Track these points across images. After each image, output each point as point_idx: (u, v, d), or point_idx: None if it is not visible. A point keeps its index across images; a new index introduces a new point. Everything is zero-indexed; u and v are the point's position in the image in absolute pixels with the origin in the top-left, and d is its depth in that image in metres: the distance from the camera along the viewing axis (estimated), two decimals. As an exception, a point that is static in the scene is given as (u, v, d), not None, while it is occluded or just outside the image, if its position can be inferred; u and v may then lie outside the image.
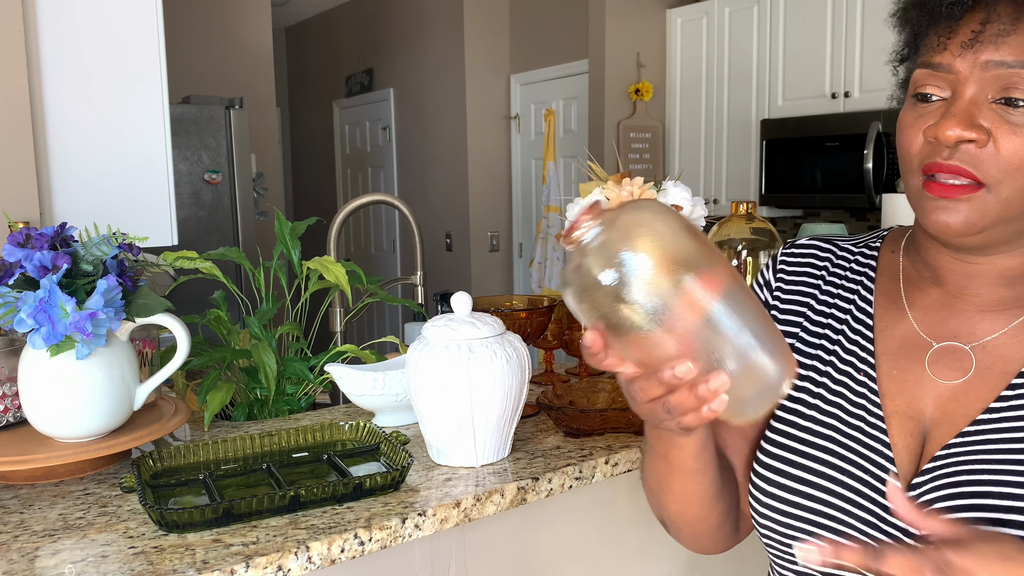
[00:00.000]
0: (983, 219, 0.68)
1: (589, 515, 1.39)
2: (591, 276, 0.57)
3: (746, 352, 0.59)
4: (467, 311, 1.14)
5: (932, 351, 0.75)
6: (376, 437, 1.19)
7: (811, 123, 3.69)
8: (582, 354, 1.50)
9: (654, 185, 1.68)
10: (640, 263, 0.56)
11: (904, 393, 0.75)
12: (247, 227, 3.75)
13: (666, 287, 0.56)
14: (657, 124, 4.49)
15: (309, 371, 1.49)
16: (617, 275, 0.56)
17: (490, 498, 1.06)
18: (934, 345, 0.75)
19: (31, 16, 2.18)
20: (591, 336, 0.60)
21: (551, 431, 1.30)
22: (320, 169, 6.88)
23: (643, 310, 0.57)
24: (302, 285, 1.56)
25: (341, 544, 0.93)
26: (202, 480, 1.07)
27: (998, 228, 0.69)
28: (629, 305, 0.57)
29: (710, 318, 0.57)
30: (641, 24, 4.39)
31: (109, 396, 1.12)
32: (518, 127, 5.21)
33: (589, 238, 0.58)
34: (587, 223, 0.58)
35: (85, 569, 0.87)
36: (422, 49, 5.46)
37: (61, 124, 2.24)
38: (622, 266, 0.56)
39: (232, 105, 3.68)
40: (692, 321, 0.57)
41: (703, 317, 0.57)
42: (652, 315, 0.57)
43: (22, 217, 2.14)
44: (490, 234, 5.29)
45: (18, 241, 1.08)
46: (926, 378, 0.74)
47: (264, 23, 4.57)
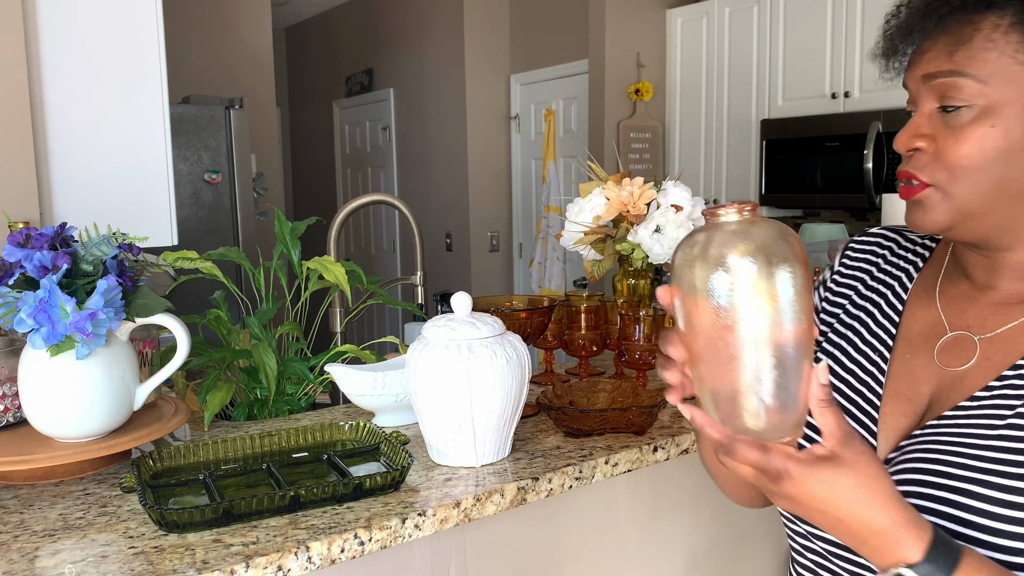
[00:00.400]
0: (945, 215, 0.74)
1: (589, 515, 1.39)
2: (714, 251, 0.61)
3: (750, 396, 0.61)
4: (467, 311, 1.14)
5: (943, 339, 0.79)
6: (376, 437, 1.19)
7: (811, 123, 3.69)
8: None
9: (654, 185, 1.68)
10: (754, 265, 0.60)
11: (909, 377, 0.79)
12: (247, 227, 3.75)
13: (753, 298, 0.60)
14: (657, 124, 4.49)
15: (309, 371, 1.49)
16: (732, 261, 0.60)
17: (490, 498, 1.06)
18: (948, 333, 0.79)
19: (31, 16, 2.18)
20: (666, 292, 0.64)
21: (551, 431, 1.30)
22: (320, 169, 6.88)
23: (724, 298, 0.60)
24: (302, 285, 1.56)
25: (341, 544, 0.93)
26: (202, 480, 1.07)
27: (970, 222, 0.73)
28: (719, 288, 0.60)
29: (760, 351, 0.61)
30: (641, 24, 4.39)
31: (109, 396, 1.12)
32: (518, 127, 5.21)
33: (730, 219, 0.61)
34: (737, 209, 0.62)
35: (85, 569, 0.87)
36: (422, 49, 5.46)
37: (61, 124, 2.24)
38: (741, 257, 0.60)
39: (232, 105, 3.68)
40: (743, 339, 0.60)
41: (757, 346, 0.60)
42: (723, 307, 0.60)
43: (22, 217, 2.14)
44: (490, 234, 5.29)
45: (18, 241, 1.08)
46: (931, 364, 0.78)
47: (264, 23, 4.57)
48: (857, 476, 0.61)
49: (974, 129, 0.71)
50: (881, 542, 0.62)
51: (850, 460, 0.62)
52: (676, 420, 1.35)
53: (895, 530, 0.62)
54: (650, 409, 1.25)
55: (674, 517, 1.52)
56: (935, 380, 0.78)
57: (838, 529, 0.63)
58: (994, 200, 0.72)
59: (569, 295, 1.66)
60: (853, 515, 0.62)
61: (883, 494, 0.62)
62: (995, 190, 0.72)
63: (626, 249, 1.66)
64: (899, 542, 0.61)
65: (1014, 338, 0.74)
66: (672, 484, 1.50)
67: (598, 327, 1.57)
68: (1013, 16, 0.69)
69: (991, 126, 0.70)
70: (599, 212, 1.69)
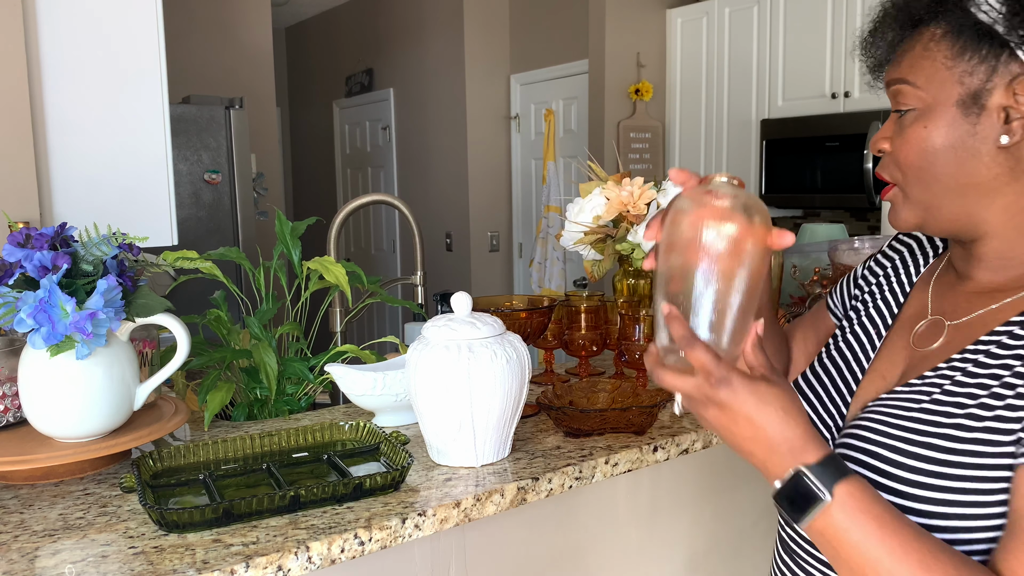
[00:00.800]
0: (910, 212, 0.82)
1: (589, 515, 1.39)
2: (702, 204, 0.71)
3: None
4: (467, 311, 1.14)
5: (921, 323, 0.87)
6: (376, 437, 1.19)
7: (811, 123, 3.69)
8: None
9: (654, 185, 1.68)
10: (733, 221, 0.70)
11: (890, 356, 0.88)
12: (247, 227, 3.74)
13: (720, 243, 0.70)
14: (657, 124, 4.49)
15: (309, 371, 1.49)
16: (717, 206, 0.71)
17: (490, 498, 1.06)
18: (928, 318, 0.87)
19: (31, 16, 2.18)
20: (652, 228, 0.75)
21: (551, 431, 1.30)
22: (320, 169, 6.88)
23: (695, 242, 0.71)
24: (302, 285, 1.56)
25: (341, 544, 0.93)
26: (202, 480, 1.07)
27: (932, 217, 0.81)
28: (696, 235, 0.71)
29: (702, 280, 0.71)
30: (641, 24, 4.39)
31: (109, 396, 1.12)
32: (518, 127, 5.21)
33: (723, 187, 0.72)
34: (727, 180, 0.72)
35: (85, 569, 0.87)
36: (422, 49, 5.46)
37: (61, 124, 2.24)
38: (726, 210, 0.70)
39: (232, 105, 3.68)
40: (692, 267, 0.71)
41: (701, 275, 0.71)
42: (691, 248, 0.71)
43: (22, 217, 2.14)
44: (490, 234, 5.29)
45: (18, 241, 1.08)
46: (907, 345, 0.87)
47: (264, 23, 4.57)
48: (783, 394, 0.72)
49: (915, 130, 0.79)
50: (788, 448, 0.71)
51: (778, 382, 0.72)
52: (676, 420, 1.35)
53: (803, 439, 0.71)
54: (650, 409, 1.25)
55: (674, 517, 1.52)
56: (906, 359, 0.85)
57: (754, 439, 0.72)
58: (943, 195, 0.79)
59: (569, 295, 1.66)
60: (773, 424, 0.70)
61: (798, 412, 0.72)
62: (940, 185, 0.78)
63: (626, 249, 1.66)
64: (803, 449, 0.71)
65: (976, 325, 0.80)
66: (672, 484, 1.50)
67: (598, 327, 1.57)
68: (946, 27, 0.76)
69: (924, 126, 0.78)
70: (599, 212, 1.69)
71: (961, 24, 0.76)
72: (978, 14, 0.74)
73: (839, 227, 2.63)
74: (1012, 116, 0.75)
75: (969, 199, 0.78)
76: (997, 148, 0.76)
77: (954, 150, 0.77)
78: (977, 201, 0.78)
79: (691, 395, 0.72)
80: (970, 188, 0.78)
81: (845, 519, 0.69)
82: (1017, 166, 0.76)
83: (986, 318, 0.80)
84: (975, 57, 0.75)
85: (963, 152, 0.77)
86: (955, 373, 0.77)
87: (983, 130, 0.76)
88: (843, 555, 0.70)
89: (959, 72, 0.76)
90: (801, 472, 0.70)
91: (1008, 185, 0.77)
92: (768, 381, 0.72)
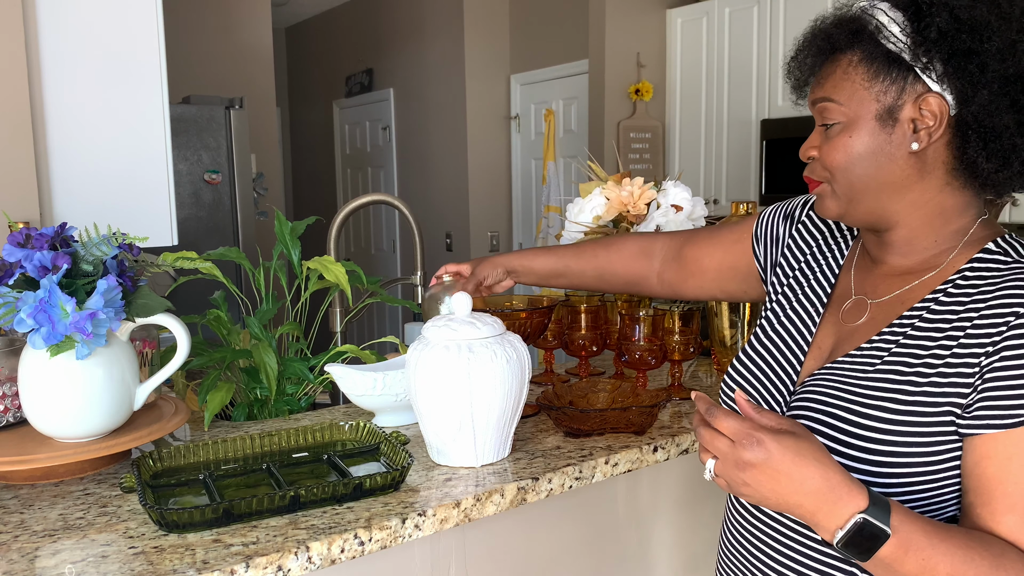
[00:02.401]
0: (835, 204, 0.96)
1: (589, 515, 1.39)
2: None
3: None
4: (467, 311, 1.14)
5: (847, 302, 1.00)
6: (376, 437, 1.19)
7: (811, 123, 3.66)
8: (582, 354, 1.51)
9: (654, 185, 1.68)
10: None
11: (827, 333, 1.00)
12: (247, 227, 3.74)
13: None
14: (657, 124, 4.49)
15: (309, 371, 1.49)
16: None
17: (490, 498, 1.06)
18: (852, 297, 0.99)
19: (31, 16, 2.18)
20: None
21: (551, 431, 1.30)
22: (320, 169, 6.88)
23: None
24: (302, 285, 1.56)
25: (341, 544, 0.93)
26: (202, 480, 1.07)
27: (852, 210, 0.94)
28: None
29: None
30: (641, 24, 4.39)
31: (109, 396, 1.12)
32: (518, 127, 5.21)
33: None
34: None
35: (85, 569, 0.87)
36: (422, 49, 5.46)
37: (61, 124, 2.24)
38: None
39: (232, 105, 3.67)
40: None
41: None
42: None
43: (22, 217, 2.14)
44: (490, 234, 5.29)
45: (18, 241, 1.08)
46: (837, 321, 0.99)
47: (264, 23, 4.57)
48: (812, 445, 0.78)
49: (840, 140, 0.93)
50: (836, 497, 0.76)
51: (801, 431, 0.80)
52: (676, 420, 1.35)
53: (847, 486, 0.77)
54: (650, 409, 1.25)
55: (674, 517, 1.52)
56: (837, 334, 0.98)
57: (799, 492, 0.77)
58: (864, 192, 0.92)
59: (569, 295, 1.66)
60: (815, 477, 0.77)
61: (829, 459, 0.78)
62: (862, 184, 0.92)
63: (626, 249, 1.66)
64: (851, 494, 0.77)
65: (894, 304, 0.93)
66: (672, 484, 1.51)
67: (598, 327, 1.57)
68: (861, 54, 0.90)
69: (849, 136, 0.92)
70: (599, 212, 1.69)
71: (873, 52, 0.89)
72: (887, 44, 0.88)
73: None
74: (919, 127, 0.88)
75: (884, 195, 0.92)
76: (909, 153, 0.90)
77: (873, 155, 0.91)
78: (890, 197, 0.92)
79: (725, 457, 0.79)
80: (885, 186, 0.91)
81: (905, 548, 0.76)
82: (923, 167, 0.90)
83: (903, 297, 0.93)
84: (887, 79, 0.89)
85: (881, 157, 0.91)
86: (891, 345, 0.89)
87: (897, 139, 0.90)
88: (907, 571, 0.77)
89: (875, 92, 0.90)
90: (865, 519, 0.76)
91: (916, 183, 0.91)
92: (794, 435, 0.78)
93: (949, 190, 0.91)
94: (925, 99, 0.87)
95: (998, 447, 0.79)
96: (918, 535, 0.76)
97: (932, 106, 0.87)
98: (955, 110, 0.87)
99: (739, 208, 1.58)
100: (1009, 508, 0.78)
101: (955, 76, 0.86)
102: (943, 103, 0.87)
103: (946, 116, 0.88)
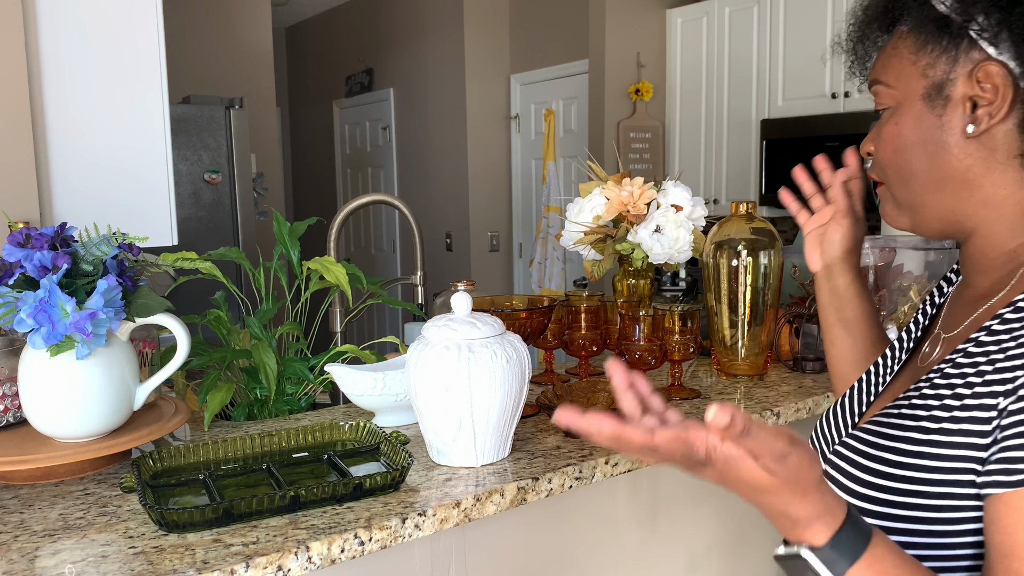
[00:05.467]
0: (896, 211, 0.81)
1: (589, 515, 1.39)
2: None
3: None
4: (467, 311, 1.14)
5: (928, 340, 0.85)
6: (376, 437, 1.19)
7: (811, 123, 3.69)
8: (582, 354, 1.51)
9: (654, 185, 1.68)
10: None
11: (906, 376, 0.86)
12: (247, 227, 3.74)
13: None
14: (657, 124, 4.49)
15: (309, 371, 1.48)
16: None
17: (490, 498, 1.06)
18: (934, 333, 0.85)
19: (31, 16, 2.18)
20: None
21: (551, 431, 1.30)
22: (320, 169, 6.88)
23: None
24: (302, 285, 1.56)
25: (341, 544, 0.93)
26: (202, 480, 1.07)
27: (917, 217, 0.79)
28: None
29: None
30: (641, 24, 4.39)
31: (109, 396, 1.12)
32: (518, 127, 5.21)
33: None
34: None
35: (85, 569, 0.87)
36: (422, 49, 5.46)
37: (61, 124, 2.24)
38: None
39: (232, 105, 3.67)
40: None
41: None
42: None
43: (22, 217, 2.14)
44: (490, 234, 5.29)
45: (18, 241, 1.07)
46: (915, 364, 0.85)
47: (264, 23, 4.57)
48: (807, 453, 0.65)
49: (889, 129, 0.79)
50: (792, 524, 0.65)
51: (800, 443, 0.65)
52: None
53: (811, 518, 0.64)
54: (650, 409, 1.25)
55: (674, 517, 1.52)
56: (913, 378, 0.83)
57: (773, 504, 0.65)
58: (922, 192, 0.77)
59: (569, 295, 1.66)
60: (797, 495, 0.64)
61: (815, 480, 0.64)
62: (917, 182, 0.77)
63: (626, 249, 1.66)
64: (809, 527, 0.64)
65: (963, 334, 0.77)
66: (672, 484, 1.51)
67: (598, 327, 1.57)
68: (911, 23, 0.76)
69: (896, 124, 0.78)
70: (599, 212, 1.69)
71: (922, 18, 0.75)
72: (937, 6, 0.73)
73: (839, 227, 2.64)
74: (979, 104, 0.72)
75: (947, 194, 0.76)
76: (965, 139, 0.73)
77: (923, 144, 0.76)
78: (955, 195, 0.76)
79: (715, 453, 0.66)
80: (946, 182, 0.76)
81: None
82: (990, 156, 0.73)
83: (971, 325, 0.77)
84: (936, 49, 0.74)
85: (932, 146, 0.75)
86: (930, 380, 0.75)
87: (949, 121, 0.74)
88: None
89: (922, 65, 0.75)
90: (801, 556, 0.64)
91: (983, 177, 0.74)
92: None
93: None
94: (983, 68, 0.71)
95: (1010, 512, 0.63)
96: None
97: (992, 76, 0.71)
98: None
99: (739, 208, 1.58)
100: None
101: (1017, 33, 0.69)
102: (1004, 72, 0.70)
103: (1010, 88, 0.70)
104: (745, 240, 1.55)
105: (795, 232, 3.81)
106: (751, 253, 1.54)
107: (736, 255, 1.55)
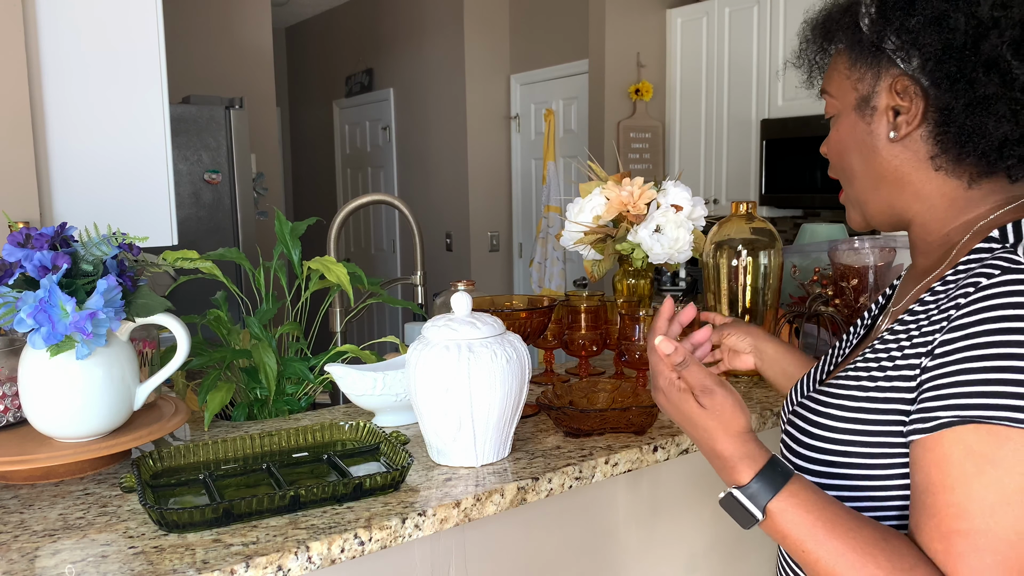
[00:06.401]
0: (853, 210, 0.93)
1: (589, 515, 1.39)
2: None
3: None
4: (467, 311, 1.14)
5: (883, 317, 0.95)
6: (376, 437, 1.19)
7: (811, 123, 3.69)
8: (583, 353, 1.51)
9: (654, 185, 1.68)
10: None
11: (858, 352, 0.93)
12: (247, 227, 3.74)
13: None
14: (657, 124, 4.49)
15: (309, 371, 1.49)
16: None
17: (490, 498, 1.06)
18: (888, 309, 0.95)
19: (31, 16, 2.18)
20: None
21: (551, 431, 1.30)
22: (320, 169, 6.88)
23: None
24: (302, 285, 1.56)
25: (341, 544, 0.93)
26: (202, 480, 1.07)
27: (867, 212, 0.90)
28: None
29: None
30: (641, 24, 4.39)
31: (109, 396, 1.12)
32: (518, 127, 5.21)
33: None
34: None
35: (85, 569, 0.87)
36: (422, 49, 5.46)
37: (61, 124, 2.24)
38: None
39: (232, 105, 3.67)
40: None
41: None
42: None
43: (22, 217, 2.14)
44: (490, 234, 5.29)
45: (18, 241, 1.07)
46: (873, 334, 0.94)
47: (264, 23, 4.57)
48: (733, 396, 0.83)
49: (833, 135, 0.90)
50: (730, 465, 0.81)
51: (727, 387, 0.83)
52: (676, 420, 1.35)
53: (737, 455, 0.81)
54: (650, 409, 1.25)
55: (674, 517, 1.52)
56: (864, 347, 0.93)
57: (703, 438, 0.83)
58: (864, 191, 0.89)
59: (569, 295, 1.66)
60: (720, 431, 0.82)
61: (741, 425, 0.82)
62: (859, 182, 0.89)
63: (626, 249, 1.66)
64: (736, 467, 0.80)
65: (901, 309, 0.88)
66: (672, 484, 1.50)
67: (598, 327, 1.57)
68: (846, 41, 0.86)
69: (837, 130, 0.89)
70: (599, 212, 1.69)
71: (853, 38, 0.85)
72: (863, 28, 0.83)
73: (839, 227, 2.63)
74: (900, 112, 0.83)
75: (883, 191, 0.87)
76: (890, 143, 0.84)
77: (859, 148, 0.87)
78: (890, 192, 0.87)
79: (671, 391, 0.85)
80: (880, 181, 0.87)
81: (780, 529, 0.78)
82: (914, 157, 0.84)
83: (911, 299, 0.86)
84: (863, 65, 0.84)
85: (865, 149, 0.86)
86: (872, 346, 0.84)
87: (876, 128, 0.85)
88: (789, 550, 0.78)
89: (854, 80, 0.86)
90: (731, 495, 0.80)
91: (911, 175, 0.85)
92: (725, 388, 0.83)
93: (952, 178, 0.83)
94: (899, 81, 0.81)
95: (925, 454, 0.72)
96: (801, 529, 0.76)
97: (906, 89, 0.81)
98: (932, 92, 0.79)
99: (739, 208, 1.58)
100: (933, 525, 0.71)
101: (926, 52, 0.78)
102: (916, 85, 0.80)
103: (921, 99, 0.80)
104: (745, 240, 1.55)
105: (795, 232, 3.81)
106: (751, 253, 1.55)
107: (736, 255, 1.55)
